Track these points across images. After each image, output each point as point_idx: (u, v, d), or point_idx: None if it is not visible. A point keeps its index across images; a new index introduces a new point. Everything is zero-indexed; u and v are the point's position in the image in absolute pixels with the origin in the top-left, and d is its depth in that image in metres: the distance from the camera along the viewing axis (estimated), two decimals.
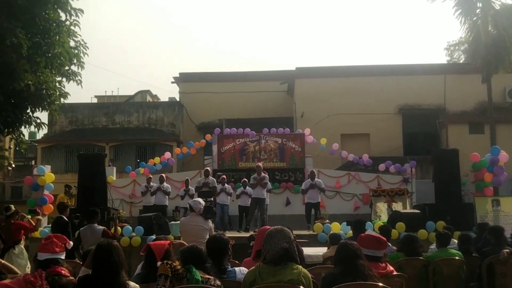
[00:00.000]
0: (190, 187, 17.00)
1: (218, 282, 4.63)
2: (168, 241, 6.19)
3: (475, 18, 20.09)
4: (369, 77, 25.88)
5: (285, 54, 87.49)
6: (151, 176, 18.00)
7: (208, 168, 17.93)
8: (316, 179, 16.37)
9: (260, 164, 17.11)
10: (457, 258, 7.63)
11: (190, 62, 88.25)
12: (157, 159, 21.24)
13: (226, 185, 16.70)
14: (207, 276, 4.66)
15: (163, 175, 17.64)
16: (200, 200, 9.46)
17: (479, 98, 24.74)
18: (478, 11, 20.05)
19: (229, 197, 16.54)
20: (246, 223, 15.82)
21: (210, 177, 17.08)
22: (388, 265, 5.44)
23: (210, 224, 9.04)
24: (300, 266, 4.25)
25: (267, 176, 16.54)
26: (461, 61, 36.54)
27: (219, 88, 29.08)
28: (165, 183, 17.07)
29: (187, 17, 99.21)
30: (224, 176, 17.40)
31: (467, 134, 24.00)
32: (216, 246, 5.12)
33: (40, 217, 12.34)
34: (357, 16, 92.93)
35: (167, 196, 16.91)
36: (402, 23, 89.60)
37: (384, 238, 5.73)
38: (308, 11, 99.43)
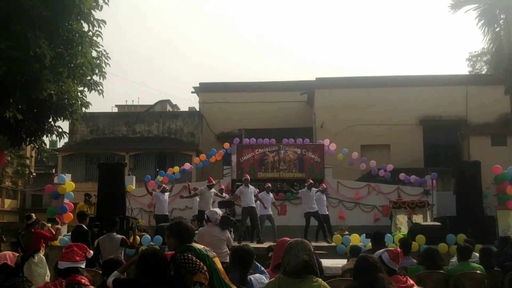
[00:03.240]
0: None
1: None
2: None
3: (498, 29, 19.90)
4: (390, 87, 25.79)
5: (305, 64, 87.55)
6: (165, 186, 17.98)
7: (223, 187, 17.81)
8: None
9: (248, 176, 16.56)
10: (478, 272, 7.52)
11: (210, 72, 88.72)
12: (176, 168, 21.28)
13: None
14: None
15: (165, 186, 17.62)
16: (217, 210, 9.43)
17: (501, 110, 24.45)
18: (501, 21, 19.86)
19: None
20: (256, 233, 15.51)
21: (225, 194, 17.18)
22: (409, 279, 5.37)
23: (227, 234, 9.01)
24: (320, 279, 4.22)
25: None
26: (483, 72, 36.22)
27: (239, 98, 29.17)
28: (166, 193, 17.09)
29: (206, 28, 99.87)
30: (270, 184, 17.08)
31: (489, 146, 23.72)
32: (242, 256, 5.11)
33: (59, 226, 12.43)
34: (378, 27, 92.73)
35: (166, 206, 16.91)
36: (424, 33, 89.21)
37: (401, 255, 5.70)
38: (328, 22, 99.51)
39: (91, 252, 5.97)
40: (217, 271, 4.55)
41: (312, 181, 16.52)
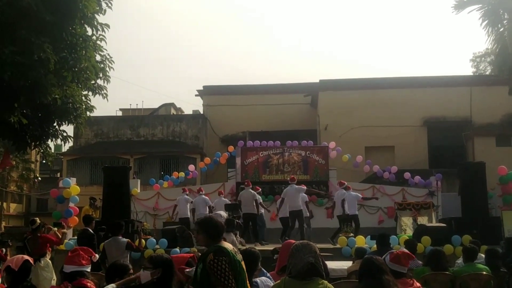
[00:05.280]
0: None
1: None
2: (192, 254, 6.21)
3: (502, 29, 19.82)
4: (393, 89, 25.76)
5: (309, 66, 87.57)
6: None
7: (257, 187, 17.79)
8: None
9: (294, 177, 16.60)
10: (484, 273, 7.50)
11: (213, 75, 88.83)
12: (182, 174, 21.33)
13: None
14: None
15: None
16: (222, 213, 9.47)
17: (506, 110, 24.45)
18: (505, 22, 19.79)
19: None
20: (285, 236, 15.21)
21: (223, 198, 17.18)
22: (415, 281, 5.34)
23: (232, 237, 9.00)
24: (326, 281, 4.21)
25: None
26: (487, 73, 36.16)
27: (242, 101, 29.20)
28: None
29: (209, 31, 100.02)
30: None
31: (494, 146, 23.70)
32: (248, 259, 5.09)
33: (65, 230, 12.46)
34: (382, 28, 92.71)
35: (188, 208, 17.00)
36: (427, 34, 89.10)
37: (413, 256, 5.65)
38: (332, 23, 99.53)
39: (97, 255, 5.98)
40: (244, 279, 4.52)
41: (345, 182, 16.39)
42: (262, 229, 16.14)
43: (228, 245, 4.57)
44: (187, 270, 5.18)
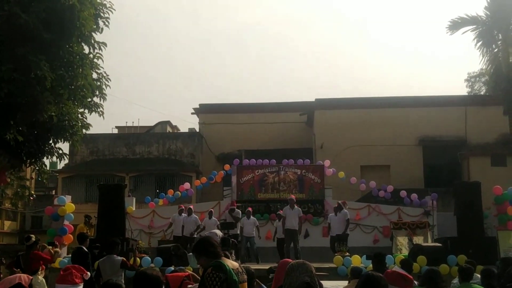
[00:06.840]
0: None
1: None
2: (187, 273, 6.17)
3: (496, 50, 20.05)
4: (389, 108, 25.88)
5: (305, 85, 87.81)
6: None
7: (212, 210, 17.94)
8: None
9: (293, 196, 16.99)
10: None
11: (209, 94, 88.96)
12: (177, 193, 21.24)
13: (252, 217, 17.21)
14: None
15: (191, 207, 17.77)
16: (217, 231, 9.43)
17: (501, 130, 24.52)
18: (499, 42, 20.01)
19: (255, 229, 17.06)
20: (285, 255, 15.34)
21: (214, 218, 17.14)
22: None
23: (228, 255, 8.96)
24: None
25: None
26: (482, 93, 36.36)
27: (238, 119, 29.29)
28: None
29: (205, 49, 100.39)
30: (250, 209, 17.84)
31: (489, 166, 23.74)
32: None
33: (58, 249, 12.39)
34: (377, 48, 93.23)
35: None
36: (422, 54, 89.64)
37: (411, 277, 5.60)
38: (327, 42, 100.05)
39: (88, 273, 5.95)
40: None
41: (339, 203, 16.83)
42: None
43: (230, 263, 4.55)
44: (190, 286, 5.14)
